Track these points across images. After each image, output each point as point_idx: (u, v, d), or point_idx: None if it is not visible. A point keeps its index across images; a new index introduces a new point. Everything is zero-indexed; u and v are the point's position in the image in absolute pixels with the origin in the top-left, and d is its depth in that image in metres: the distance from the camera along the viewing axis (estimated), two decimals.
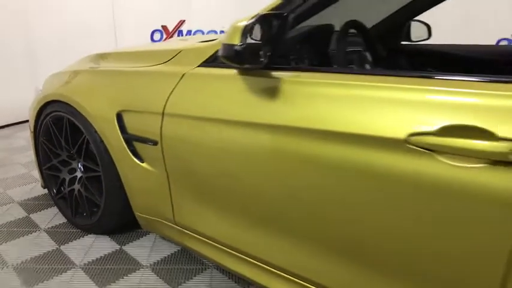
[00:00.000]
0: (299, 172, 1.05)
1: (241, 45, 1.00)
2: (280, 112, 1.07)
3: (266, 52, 1.06)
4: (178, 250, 1.68)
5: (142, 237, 1.78)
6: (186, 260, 1.62)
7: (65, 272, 1.55)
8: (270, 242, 1.20)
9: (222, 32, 4.27)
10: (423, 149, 0.83)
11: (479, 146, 0.77)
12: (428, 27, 2.12)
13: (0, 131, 3.56)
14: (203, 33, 4.56)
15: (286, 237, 1.15)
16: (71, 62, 1.97)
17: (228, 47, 1.03)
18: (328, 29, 1.57)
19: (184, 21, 4.54)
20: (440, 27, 2.31)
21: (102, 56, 1.80)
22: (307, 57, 1.48)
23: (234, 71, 1.20)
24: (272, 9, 1.12)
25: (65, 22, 3.97)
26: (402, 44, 2.08)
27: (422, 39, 2.23)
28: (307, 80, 1.08)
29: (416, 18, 2.07)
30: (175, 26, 4.54)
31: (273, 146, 1.09)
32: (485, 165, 0.76)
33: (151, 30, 4.48)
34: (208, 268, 1.56)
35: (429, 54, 1.99)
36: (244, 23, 1.01)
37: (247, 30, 1.00)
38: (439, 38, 2.12)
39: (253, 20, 1.02)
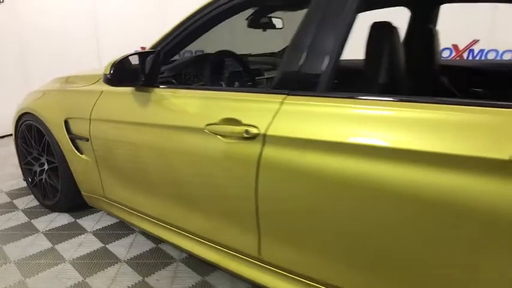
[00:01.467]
0: (171, 155, 1.60)
1: (111, 74, 1.59)
2: (159, 115, 1.63)
3: (141, 76, 1.66)
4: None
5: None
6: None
7: (29, 236, 2.15)
8: (166, 207, 1.75)
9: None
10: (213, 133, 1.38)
11: None
12: None
13: (1, 140, 4.26)
14: None
15: (177, 203, 1.67)
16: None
17: (104, 75, 1.63)
18: (205, 57, 2.15)
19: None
20: None
21: (62, 79, 2.41)
22: (193, 78, 2.07)
23: (132, 89, 1.78)
24: (151, 47, 1.72)
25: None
26: None
27: None
28: (181, 94, 1.64)
29: None
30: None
31: (154, 138, 1.65)
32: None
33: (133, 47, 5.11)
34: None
35: None
36: (112, 60, 1.61)
37: (114, 65, 1.60)
38: None
39: (120, 58, 1.61)
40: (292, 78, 1.28)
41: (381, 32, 1.39)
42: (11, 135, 4.33)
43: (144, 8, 4.87)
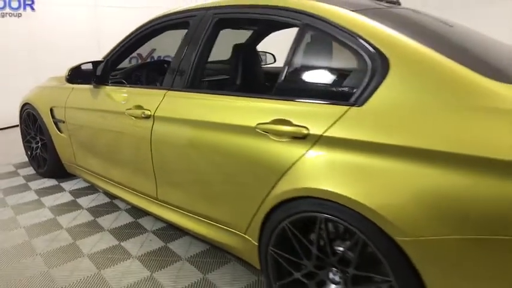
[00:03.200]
0: (109, 132, 2.35)
1: (68, 75, 2.35)
2: (113, 104, 2.37)
3: (93, 77, 2.41)
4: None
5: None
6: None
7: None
8: (109, 168, 2.51)
9: None
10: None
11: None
12: (273, 55, 3.42)
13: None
14: None
15: (113, 164, 2.45)
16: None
17: (65, 76, 2.39)
18: (142, 65, 2.90)
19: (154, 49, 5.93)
20: None
21: (52, 79, 3.21)
22: (139, 79, 2.82)
23: (90, 86, 2.54)
24: (103, 58, 2.47)
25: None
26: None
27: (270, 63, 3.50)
28: (117, 90, 2.39)
29: None
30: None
31: (101, 119, 2.41)
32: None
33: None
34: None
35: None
36: (71, 66, 2.38)
37: (71, 70, 2.38)
38: None
39: (76, 65, 2.38)
40: (171, 79, 2.00)
41: (238, 50, 2.08)
42: None
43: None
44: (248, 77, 1.99)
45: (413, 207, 1.14)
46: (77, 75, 2.43)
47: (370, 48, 1.35)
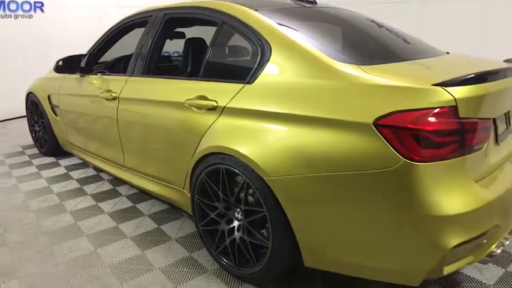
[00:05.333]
0: (92, 113, 2.85)
1: (57, 66, 2.86)
2: (92, 89, 2.86)
3: (77, 68, 2.91)
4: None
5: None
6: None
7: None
8: (92, 144, 3.01)
9: None
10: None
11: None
12: None
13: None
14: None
15: (94, 140, 2.95)
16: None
17: (54, 67, 2.90)
18: (121, 59, 3.36)
19: None
20: None
21: (51, 70, 3.73)
22: (116, 69, 3.31)
23: (78, 76, 3.03)
24: (87, 51, 2.96)
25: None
26: None
27: None
28: (97, 78, 2.87)
29: None
30: None
31: (85, 103, 2.90)
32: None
33: None
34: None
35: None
36: (59, 59, 2.88)
37: (58, 61, 2.90)
38: None
39: (64, 57, 2.88)
40: (132, 67, 2.46)
41: (190, 43, 2.51)
42: None
43: None
44: (184, 63, 2.43)
45: (277, 155, 1.56)
46: (62, 66, 2.94)
47: (260, 38, 1.77)
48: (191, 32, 2.87)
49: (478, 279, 1.80)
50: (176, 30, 2.91)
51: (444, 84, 1.31)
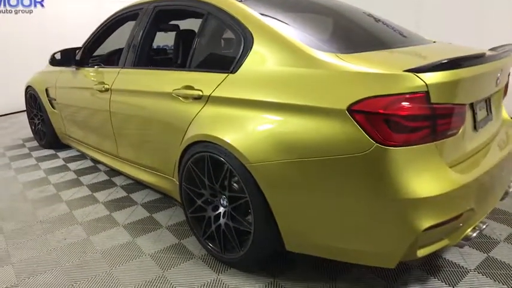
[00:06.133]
0: (87, 104, 2.90)
1: (52, 59, 2.90)
2: (86, 82, 2.92)
3: (72, 61, 2.96)
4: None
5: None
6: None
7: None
8: (88, 135, 3.07)
9: None
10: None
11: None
12: None
13: None
14: None
15: (90, 131, 3.01)
16: None
17: (49, 60, 2.95)
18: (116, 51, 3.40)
19: None
20: None
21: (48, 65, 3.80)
22: (111, 61, 3.35)
23: (73, 69, 3.08)
24: (82, 45, 3.01)
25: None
26: None
27: None
28: (99, 71, 2.91)
29: None
30: None
31: (81, 95, 2.96)
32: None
33: None
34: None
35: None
36: (55, 52, 2.93)
37: (52, 55, 2.95)
38: None
39: (59, 51, 2.93)
40: (124, 59, 2.51)
41: (180, 35, 2.55)
42: None
43: None
44: (174, 55, 2.47)
45: (258, 142, 1.59)
46: (57, 59, 3.00)
47: (243, 28, 1.80)
48: (186, 24, 2.90)
49: (460, 263, 1.83)
50: (169, 22, 2.95)
51: (416, 70, 1.33)
